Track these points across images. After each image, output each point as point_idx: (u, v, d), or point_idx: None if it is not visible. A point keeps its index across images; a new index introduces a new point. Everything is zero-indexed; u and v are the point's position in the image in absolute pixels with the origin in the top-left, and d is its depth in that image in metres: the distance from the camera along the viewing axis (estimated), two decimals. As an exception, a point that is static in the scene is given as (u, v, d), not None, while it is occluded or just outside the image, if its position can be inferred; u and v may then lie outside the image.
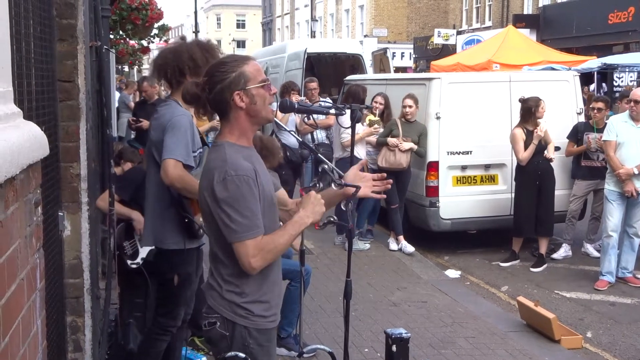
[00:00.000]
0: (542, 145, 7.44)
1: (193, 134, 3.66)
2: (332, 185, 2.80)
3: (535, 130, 7.34)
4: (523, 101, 7.51)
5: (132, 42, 14.27)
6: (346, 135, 7.71)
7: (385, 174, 2.89)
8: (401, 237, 8.07)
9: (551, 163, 7.59)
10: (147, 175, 3.78)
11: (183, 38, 3.93)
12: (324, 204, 2.64)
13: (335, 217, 2.87)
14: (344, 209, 2.93)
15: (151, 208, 3.72)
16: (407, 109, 7.87)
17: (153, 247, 3.77)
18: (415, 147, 7.78)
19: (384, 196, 3.05)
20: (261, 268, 2.51)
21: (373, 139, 8.02)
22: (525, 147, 7.41)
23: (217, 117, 2.74)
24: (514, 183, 7.96)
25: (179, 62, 3.66)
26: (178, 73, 3.67)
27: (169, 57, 3.72)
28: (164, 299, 3.86)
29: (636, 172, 6.69)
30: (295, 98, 8.64)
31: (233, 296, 2.57)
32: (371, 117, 7.90)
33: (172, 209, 3.64)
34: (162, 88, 11.17)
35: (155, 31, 12.82)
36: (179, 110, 3.64)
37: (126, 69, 29.90)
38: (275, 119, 4.97)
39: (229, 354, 2.58)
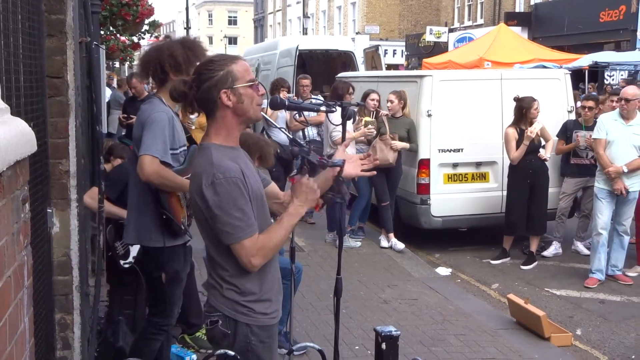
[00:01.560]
0: (535, 144, 7.44)
1: (174, 131, 3.63)
2: (310, 159, 2.68)
3: (526, 131, 7.34)
4: (517, 100, 7.50)
5: (122, 38, 14.20)
6: (337, 133, 7.70)
7: (370, 153, 2.87)
8: (391, 235, 8.06)
9: (546, 162, 7.61)
10: (130, 172, 3.75)
11: (168, 37, 3.91)
12: (318, 189, 2.61)
13: (331, 193, 2.81)
14: (335, 185, 2.84)
15: (134, 205, 3.71)
16: (389, 104, 7.88)
17: (139, 245, 3.76)
18: (407, 145, 7.78)
19: (374, 173, 2.98)
20: (261, 265, 2.53)
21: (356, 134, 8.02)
22: (518, 147, 7.42)
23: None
24: (505, 181, 7.98)
25: (160, 59, 3.64)
26: (160, 70, 3.65)
27: (152, 54, 3.71)
28: (155, 298, 3.84)
29: (625, 170, 6.72)
30: (283, 95, 8.64)
31: (234, 295, 2.58)
32: (367, 118, 7.87)
33: (152, 206, 3.62)
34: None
35: (146, 27, 12.75)
36: (158, 107, 3.62)
37: (117, 65, 29.77)
38: (265, 115, 4.96)
39: (219, 351, 2.58)
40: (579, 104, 8.75)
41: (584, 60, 16.67)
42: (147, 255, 3.74)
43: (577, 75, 15.27)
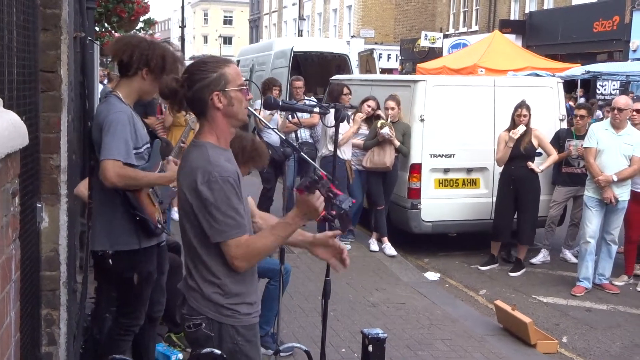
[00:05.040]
0: (522, 152, 7.46)
1: (135, 130, 3.51)
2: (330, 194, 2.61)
3: (510, 132, 7.42)
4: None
5: (117, 34, 14.15)
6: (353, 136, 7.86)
7: (346, 250, 2.83)
8: (385, 239, 8.08)
9: (538, 173, 7.63)
10: (93, 176, 3.63)
11: (166, 41, 3.84)
12: (321, 206, 2.51)
13: (332, 217, 2.75)
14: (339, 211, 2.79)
15: (100, 210, 3.59)
16: (390, 111, 7.89)
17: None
18: (397, 143, 7.75)
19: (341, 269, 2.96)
20: (246, 268, 2.52)
21: (359, 141, 8.03)
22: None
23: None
24: (495, 187, 8.03)
25: (151, 51, 3.49)
26: (143, 61, 3.49)
27: (144, 45, 3.55)
28: (125, 299, 3.75)
29: (615, 179, 6.76)
30: (275, 95, 8.66)
31: (218, 297, 2.57)
32: (382, 120, 7.86)
33: (122, 209, 3.52)
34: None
35: (140, 25, 12.71)
36: (116, 107, 3.49)
37: (111, 61, 29.68)
38: (258, 116, 4.96)
39: (205, 350, 2.57)
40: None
41: (577, 70, 16.76)
42: (118, 257, 3.60)
43: (569, 85, 15.36)
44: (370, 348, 3.78)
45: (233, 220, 2.46)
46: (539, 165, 7.63)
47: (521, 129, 7.42)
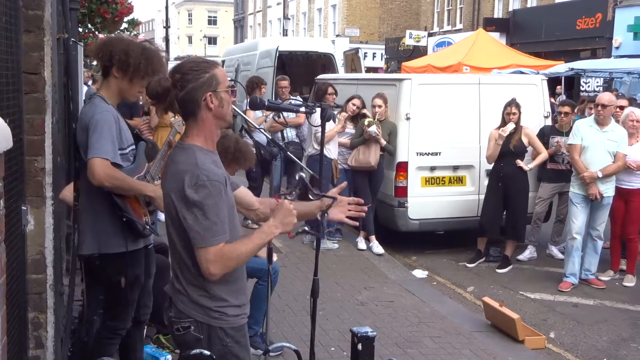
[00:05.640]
0: (511, 150, 7.51)
1: (120, 130, 3.49)
2: (310, 195, 2.76)
3: (500, 131, 7.46)
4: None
5: (101, 35, 14.06)
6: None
7: (362, 200, 2.87)
8: (373, 237, 8.09)
9: (527, 171, 7.67)
10: (78, 179, 3.60)
11: (147, 41, 3.79)
12: (297, 215, 2.63)
13: (308, 227, 2.84)
14: (318, 218, 2.91)
15: (90, 212, 3.56)
16: (377, 109, 7.90)
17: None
18: (383, 142, 7.77)
19: (357, 224, 3.05)
20: (220, 275, 2.50)
21: (346, 139, 8.03)
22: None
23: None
24: (481, 184, 8.06)
25: (115, 47, 3.46)
26: (107, 58, 3.48)
27: (112, 41, 3.54)
28: (112, 302, 3.73)
29: (600, 175, 6.81)
30: (261, 93, 8.66)
31: (205, 300, 2.57)
32: (369, 119, 7.86)
33: (109, 210, 3.49)
34: None
35: (124, 25, 12.64)
36: (101, 107, 3.47)
37: (95, 62, 29.49)
38: (246, 117, 4.96)
39: (194, 351, 2.56)
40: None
41: (561, 67, 16.86)
42: (106, 260, 3.59)
43: (553, 82, 15.45)
44: (359, 346, 3.78)
45: (215, 225, 2.45)
46: (527, 163, 7.67)
47: (510, 126, 7.46)
